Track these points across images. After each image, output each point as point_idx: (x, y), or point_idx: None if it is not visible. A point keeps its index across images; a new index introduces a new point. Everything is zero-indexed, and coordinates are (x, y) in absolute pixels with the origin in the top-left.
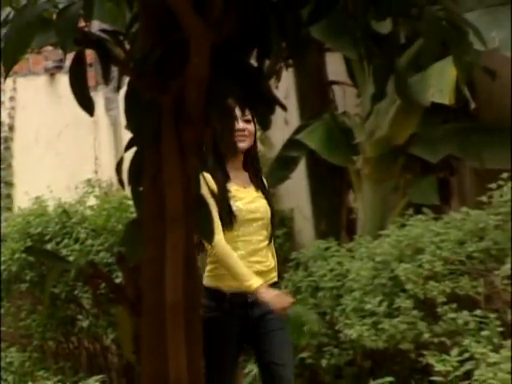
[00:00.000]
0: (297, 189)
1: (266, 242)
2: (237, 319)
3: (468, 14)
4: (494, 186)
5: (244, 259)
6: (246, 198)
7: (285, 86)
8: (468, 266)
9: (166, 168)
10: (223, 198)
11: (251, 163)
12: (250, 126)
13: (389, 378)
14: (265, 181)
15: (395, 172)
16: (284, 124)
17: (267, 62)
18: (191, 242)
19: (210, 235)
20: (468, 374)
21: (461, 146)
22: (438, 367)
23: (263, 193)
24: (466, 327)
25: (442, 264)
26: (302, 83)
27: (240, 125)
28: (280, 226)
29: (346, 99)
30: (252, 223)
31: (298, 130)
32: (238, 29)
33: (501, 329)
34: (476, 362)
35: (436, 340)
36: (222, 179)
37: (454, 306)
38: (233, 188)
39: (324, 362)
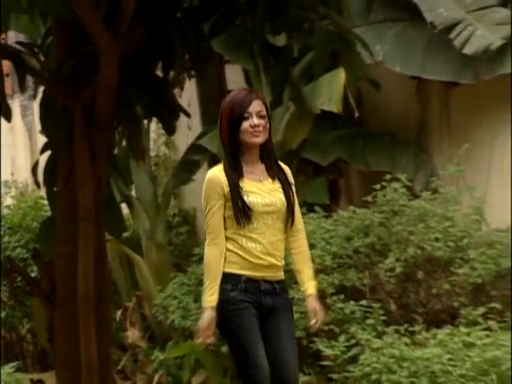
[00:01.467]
0: (199, 189)
1: (282, 236)
2: (251, 300)
3: (354, 29)
4: (377, 186)
5: (260, 252)
6: (261, 192)
7: (188, 95)
8: (354, 260)
9: (78, 170)
10: (235, 196)
11: (267, 156)
12: (265, 121)
13: None
14: (287, 171)
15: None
16: (187, 129)
17: (172, 73)
18: (102, 238)
19: (119, 232)
20: (354, 359)
21: (348, 150)
22: (327, 352)
23: (282, 184)
24: (353, 316)
25: (331, 258)
26: (204, 92)
27: (255, 120)
28: (183, 223)
29: None
30: (267, 216)
31: (200, 136)
32: (145, 42)
33: (384, 317)
34: (361, 347)
35: (326, 328)
36: (236, 176)
37: (342, 296)
38: (248, 183)
39: (224, 349)
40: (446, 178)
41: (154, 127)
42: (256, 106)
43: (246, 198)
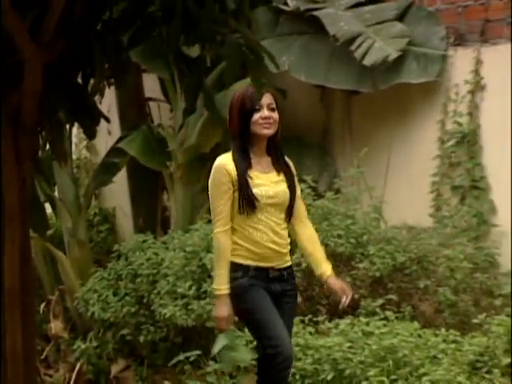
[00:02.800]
0: (118, 190)
1: (285, 225)
2: (262, 285)
3: (263, 41)
4: None
5: (266, 241)
6: (266, 184)
7: (108, 102)
8: None
9: (4, 172)
10: (243, 185)
11: (274, 149)
12: (275, 114)
13: (196, 352)
14: (290, 164)
15: (203, 175)
16: (107, 134)
17: (92, 81)
18: (26, 236)
19: (43, 230)
20: None
21: None
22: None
23: (286, 176)
24: None
25: None
26: (123, 99)
27: (266, 113)
28: (103, 222)
29: (160, 113)
30: (271, 207)
31: (119, 140)
32: (67, 52)
33: None
34: None
35: (236, 318)
36: (243, 168)
37: None
38: (255, 173)
39: (142, 339)
40: (348, 179)
41: (76, 132)
42: (267, 99)
43: (253, 188)
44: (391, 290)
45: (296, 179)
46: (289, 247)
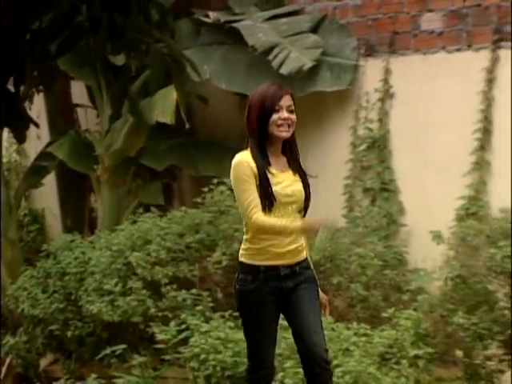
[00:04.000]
0: (48, 192)
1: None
2: (272, 289)
3: (185, 51)
4: (206, 189)
5: (281, 240)
6: (284, 182)
7: (37, 108)
8: (186, 254)
9: None
10: (263, 182)
11: (290, 149)
12: (293, 116)
13: (122, 346)
14: (302, 164)
15: (128, 178)
16: (37, 139)
17: (22, 88)
18: None
19: None
20: (185, 341)
21: (180, 157)
22: (161, 336)
23: (300, 176)
24: (184, 303)
25: (166, 252)
26: (52, 105)
27: (285, 114)
28: (33, 222)
29: (87, 119)
30: (288, 206)
31: (48, 144)
32: None
33: (211, 304)
34: (191, 331)
35: (160, 314)
36: (263, 165)
37: (175, 286)
38: (274, 172)
39: (69, 333)
40: None
41: (6, 136)
42: (286, 101)
43: (272, 186)
44: None
45: (307, 180)
46: (304, 244)
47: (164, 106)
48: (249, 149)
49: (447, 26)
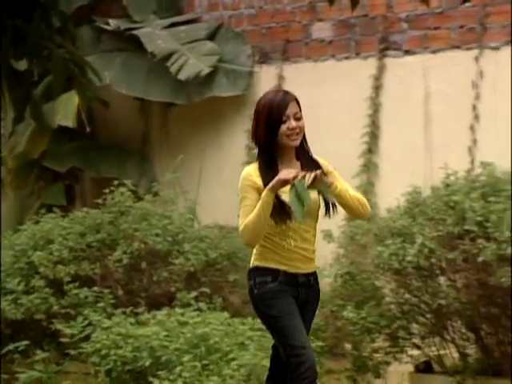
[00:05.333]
0: None
1: (314, 231)
2: (290, 291)
3: (86, 57)
4: (107, 191)
5: (294, 247)
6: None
7: None
8: (88, 253)
9: None
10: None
11: (302, 153)
12: (301, 123)
13: (25, 342)
14: (322, 162)
15: (31, 180)
16: None
17: None
18: None
19: None
20: (88, 337)
21: (82, 159)
22: (68, 331)
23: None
24: (86, 300)
25: (68, 251)
26: None
27: (293, 123)
28: None
29: None
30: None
31: None
32: None
33: (113, 301)
34: (93, 327)
35: (63, 311)
36: (271, 176)
37: (77, 284)
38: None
39: None
40: (165, 183)
41: None
42: (293, 108)
43: (283, 197)
44: (204, 284)
45: (336, 172)
46: (315, 253)
47: (66, 110)
48: (257, 162)
49: (336, 35)
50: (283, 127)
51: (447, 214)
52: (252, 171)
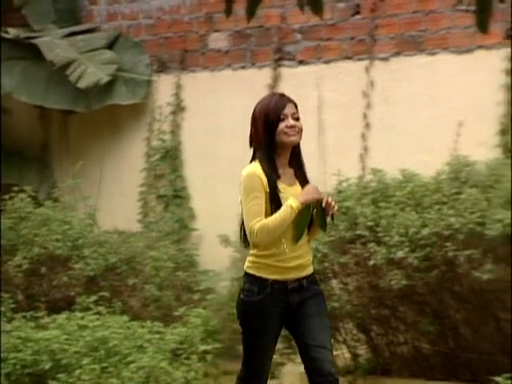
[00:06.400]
0: None
1: (307, 238)
2: (278, 302)
3: None
4: (7, 197)
5: (288, 255)
6: (291, 197)
7: None
8: None
9: None
10: (273, 198)
11: (296, 160)
12: (299, 123)
13: None
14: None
15: None
16: None
17: None
18: None
19: None
20: None
21: None
22: None
23: None
24: None
25: None
26: None
27: (291, 121)
28: None
29: None
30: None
31: None
32: None
33: (13, 305)
34: None
35: None
36: (273, 179)
37: None
38: (281, 187)
39: None
40: (65, 189)
41: None
42: (290, 109)
43: (282, 201)
44: (104, 288)
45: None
46: (311, 258)
47: None
48: (257, 162)
49: (233, 45)
50: (281, 125)
51: (339, 220)
52: (258, 170)
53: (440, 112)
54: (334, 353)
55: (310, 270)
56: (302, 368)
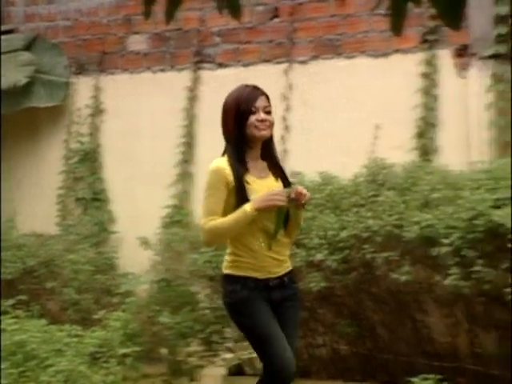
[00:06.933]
0: None
1: (284, 234)
2: (262, 297)
3: None
4: None
5: (265, 250)
6: (263, 190)
7: None
8: None
9: None
10: (240, 191)
11: (269, 153)
12: (271, 117)
13: None
14: (285, 169)
15: None
16: None
17: None
18: None
19: None
20: None
21: None
22: None
23: (282, 181)
24: None
25: None
26: None
27: (262, 115)
28: None
29: None
30: (269, 214)
31: None
32: None
33: None
34: None
35: None
36: (240, 173)
37: None
38: (250, 179)
39: None
40: None
41: None
42: (262, 102)
43: (250, 195)
44: (22, 291)
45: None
46: (289, 252)
47: None
48: (226, 155)
49: (152, 48)
50: (252, 118)
51: None
52: (224, 165)
53: (357, 115)
54: (252, 355)
55: (288, 266)
56: (222, 370)
